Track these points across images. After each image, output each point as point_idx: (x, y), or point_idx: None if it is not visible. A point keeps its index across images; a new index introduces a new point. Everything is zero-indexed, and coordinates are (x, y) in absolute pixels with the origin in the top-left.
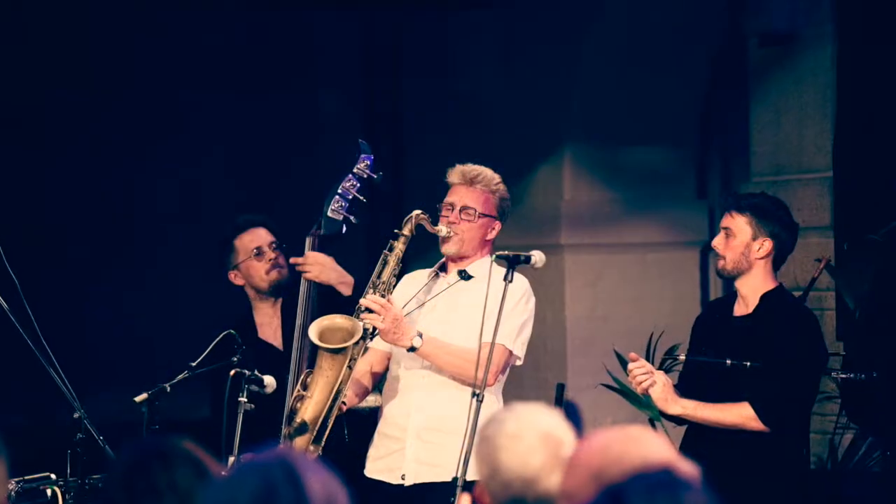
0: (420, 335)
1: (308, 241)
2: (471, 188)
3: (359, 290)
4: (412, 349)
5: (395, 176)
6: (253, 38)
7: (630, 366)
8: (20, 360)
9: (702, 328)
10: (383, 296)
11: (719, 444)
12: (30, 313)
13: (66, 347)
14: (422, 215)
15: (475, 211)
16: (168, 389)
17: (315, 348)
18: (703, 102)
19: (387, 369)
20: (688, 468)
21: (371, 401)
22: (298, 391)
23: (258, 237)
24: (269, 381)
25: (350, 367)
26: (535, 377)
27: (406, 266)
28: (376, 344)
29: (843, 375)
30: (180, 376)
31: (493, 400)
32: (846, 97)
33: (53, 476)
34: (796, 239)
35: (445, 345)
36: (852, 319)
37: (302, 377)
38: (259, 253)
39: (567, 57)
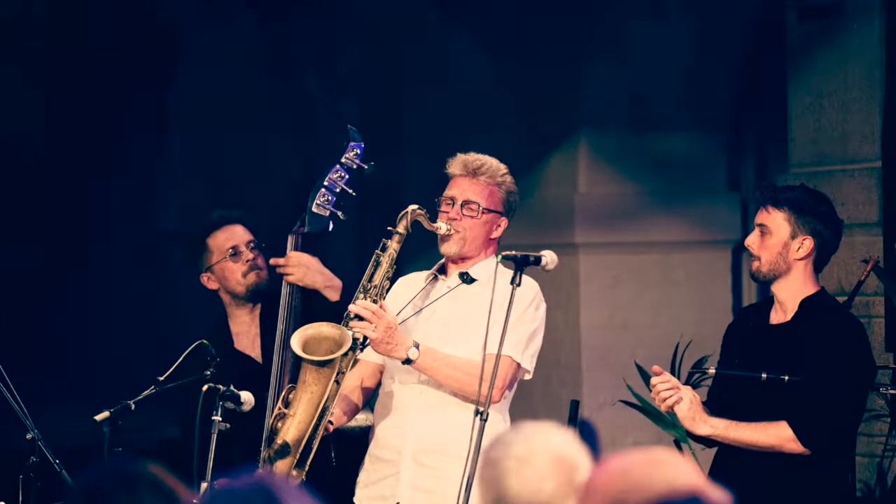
0: (416, 346)
1: (290, 240)
2: (474, 180)
3: (347, 295)
4: (407, 361)
5: (388, 166)
6: None
7: (653, 380)
8: None
9: (734, 338)
10: (375, 301)
11: (754, 468)
12: None
13: (18, 361)
14: (418, 211)
15: (478, 206)
16: (132, 407)
17: (298, 360)
18: (735, 84)
19: (379, 384)
20: (718, 496)
21: (361, 419)
22: (280, 409)
23: (234, 235)
24: (247, 397)
25: (338, 382)
26: (546, 393)
27: (401, 268)
28: (367, 355)
29: (893, 391)
30: (146, 392)
31: (498, 419)
32: None
33: None
34: (840, 237)
35: (445, 356)
36: None
37: (283, 393)
38: (235, 253)
39: (581, 33)
